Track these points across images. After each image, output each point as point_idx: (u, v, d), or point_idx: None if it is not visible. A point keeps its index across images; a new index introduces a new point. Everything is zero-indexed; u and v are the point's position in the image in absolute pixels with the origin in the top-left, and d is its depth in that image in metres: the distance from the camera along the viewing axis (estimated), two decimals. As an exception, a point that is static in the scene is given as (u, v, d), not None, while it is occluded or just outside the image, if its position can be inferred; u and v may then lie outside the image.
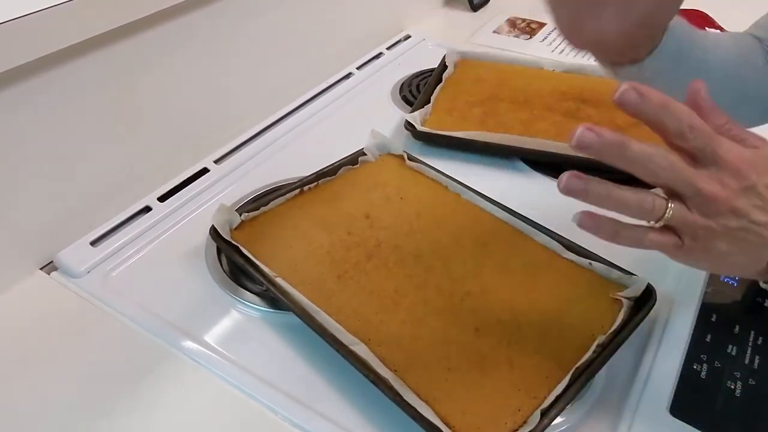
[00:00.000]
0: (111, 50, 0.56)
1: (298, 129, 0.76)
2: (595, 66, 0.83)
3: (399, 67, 0.92)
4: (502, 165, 0.70)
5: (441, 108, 0.77)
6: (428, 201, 0.61)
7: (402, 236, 0.56)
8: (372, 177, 0.64)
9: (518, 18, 1.09)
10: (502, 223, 0.58)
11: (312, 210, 0.60)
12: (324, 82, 0.84)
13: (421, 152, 0.72)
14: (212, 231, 0.55)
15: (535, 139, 0.68)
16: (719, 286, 0.54)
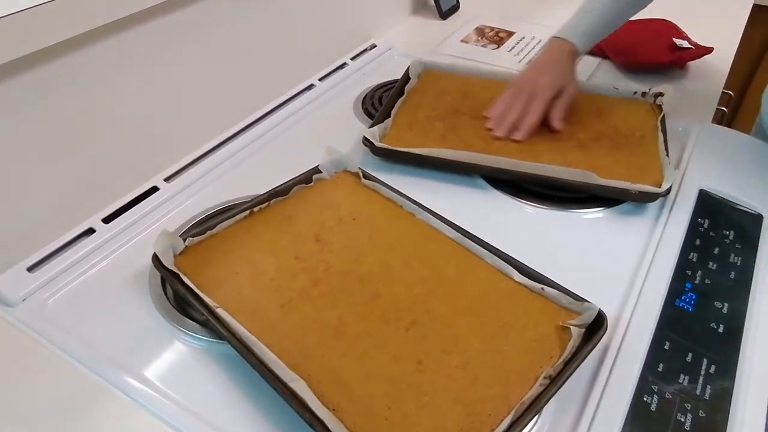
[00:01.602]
0: (52, 63, 0.53)
1: (255, 144, 0.74)
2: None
3: (363, 78, 0.90)
4: (462, 182, 0.69)
5: (401, 122, 0.75)
6: (381, 221, 0.59)
7: (352, 260, 0.55)
8: (326, 196, 0.63)
9: (487, 27, 1.08)
10: (455, 245, 0.56)
11: (261, 232, 0.58)
12: (284, 94, 0.82)
13: (380, 168, 0.70)
14: (154, 258, 0.53)
15: (494, 156, 0.66)
16: (675, 311, 0.53)
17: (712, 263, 0.59)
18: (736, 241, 0.62)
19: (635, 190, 0.63)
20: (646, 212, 0.65)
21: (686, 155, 0.73)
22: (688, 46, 0.94)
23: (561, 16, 1.14)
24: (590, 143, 0.72)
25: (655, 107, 0.78)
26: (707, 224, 0.64)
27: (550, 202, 0.66)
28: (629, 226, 0.63)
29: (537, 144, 0.72)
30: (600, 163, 0.68)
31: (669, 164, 0.66)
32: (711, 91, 0.89)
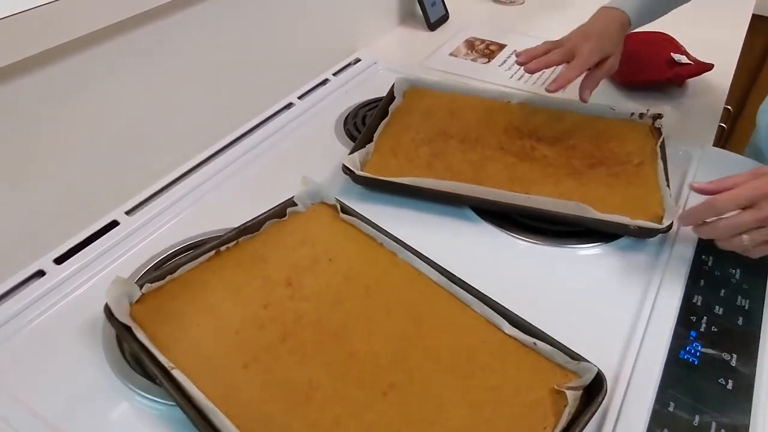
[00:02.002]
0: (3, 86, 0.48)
1: (225, 172, 0.68)
2: (551, 97, 0.79)
3: (346, 95, 0.85)
4: (449, 213, 0.64)
5: (384, 147, 0.70)
6: (360, 262, 0.54)
7: (326, 308, 0.50)
8: (300, 232, 0.57)
9: (477, 39, 1.03)
10: (439, 290, 0.52)
11: (228, 276, 0.53)
12: (259, 115, 0.77)
13: (362, 197, 0.66)
14: (106, 309, 0.47)
15: (482, 187, 0.61)
16: (679, 365, 0.49)
17: (718, 308, 0.54)
18: (743, 281, 0.57)
19: (634, 225, 0.58)
20: (646, 248, 0.60)
21: (687, 183, 0.68)
22: (687, 61, 0.90)
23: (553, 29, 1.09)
24: (585, 170, 0.67)
25: (654, 130, 0.74)
26: (711, 261, 0.59)
27: (543, 236, 0.62)
28: (628, 265, 0.59)
29: (529, 170, 0.67)
30: (596, 194, 0.64)
31: (670, 196, 0.62)
32: (712, 110, 0.85)
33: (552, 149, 0.70)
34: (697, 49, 0.92)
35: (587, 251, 0.60)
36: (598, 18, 0.73)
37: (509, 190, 0.64)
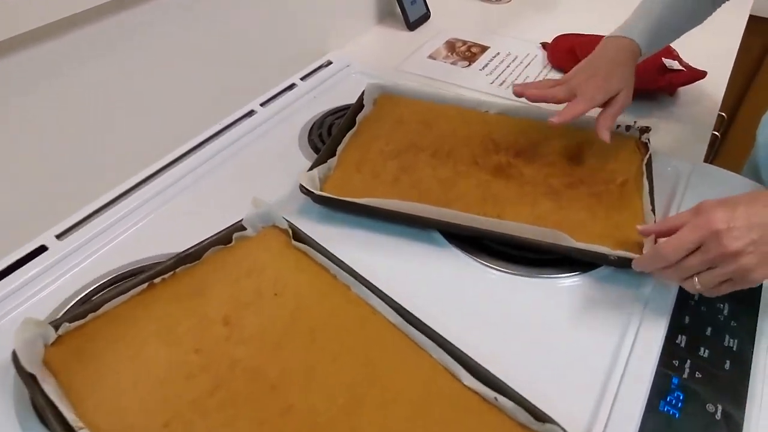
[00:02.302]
0: None
1: (172, 190, 0.63)
2: (531, 107, 0.74)
3: (314, 102, 0.79)
4: (415, 236, 0.59)
5: (349, 161, 0.65)
6: (309, 297, 0.49)
7: (266, 353, 0.44)
8: (246, 262, 0.52)
9: (458, 40, 0.97)
10: (395, 332, 0.46)
11: (160, 312, 0.47)
12: (215, 125, 0.71)
13: (323, 217, 0.60)
14: (13, 355, 0.42)
15: (451, 210, 0.56)
16: (659, 419, 0.44)
17: (704, 349, 0.49)
18: (732, 317, 0.52)
19: (614, 255, 0.53)
20: (628, 278, 0.55)
21: (675, 204, 0.63)
22: (679, 67, 0.85)
23: (540, 30, 1.03)
24: (564, 191, 0.62)
25: (641, 144, 0.69)
26: (698, 294, 0.54)
27: (516, 264, 0.56)
28: (607, 297, 0.54)
29: (504, 189, 0.62)
30: (575, 218, 0.59)
31: (654, 222, 0.57)
32: (704, 122, 0.79)
33: (530, 166, 0.65)
34: (690, 54, 0.86)
35: (564, 282, 0.55)
36: (605, 50, 0.66)
37: (480, 211, 0.59)
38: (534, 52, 0.94)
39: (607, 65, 0.64)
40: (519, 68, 0.90)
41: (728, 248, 0.45)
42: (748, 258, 0.45)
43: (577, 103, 0.62)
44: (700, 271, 0.48)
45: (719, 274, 0.47)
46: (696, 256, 0.47)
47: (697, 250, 0.47)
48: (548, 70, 0.90)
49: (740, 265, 0.45)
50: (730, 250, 0.45)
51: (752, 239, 0.45)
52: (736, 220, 0.45)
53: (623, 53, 0.65)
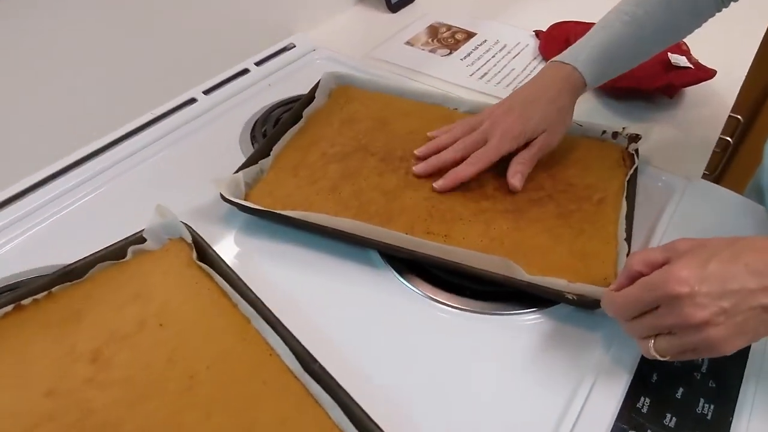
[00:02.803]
0: None
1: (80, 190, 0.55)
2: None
3: (267, 91, 0.71)
4: (351, 254, 0.51)
5: (285, 163, 0.57)
6: (197, 332, 0.41)
7: (128, 403, 0.37)
8: (136, 282, 0.45)
9: (443, 25, 0.87)
10: (290, 381, 0.39)
11: (21, 341, 0.40)
12: (146, 114, 0.63)
13: (249, 228, 0.53)
14: None
15: (387, 231, 0.48)
16: None
17: (671, 417, 0.41)
18: (711, 376, 0.43)
19: (573, 294, 0.44)
20: (590, 319, 0.46)
21: (660, 229, 0.54)
22: (686, 64, 0.74)
23: (538, 16, 0.93)
24: (528, 208, 0.53)
25: (627, 156, 0.59)
26: (673, 344, 0.45)
27: (460, 295, 0.48)
28: (563, 342, 0.45)
29: (457, 203, 0.53)
30: (534, 243, 0.50)
31: (627, 255, 0.48)
32: (708, 129, 0.69)
33: (493, 176, 0.56)
34: (702, 46, 0.75)
35: (515, 319, 0.47)
36: (540, 78, 0.57)
37: (424, 230, 0.51)
38: (526, 41, 0.84)
39: (530, 99, 0.55)
40: (505, 59, 0.80)
41: (690, 319, 0.36)
42: (715, 330, 0.36)
43: (466, 167, 0.53)
44: (658, 333, 0.39)
45: (680, 343, 0.38)
46: (650, 318, 0.38)
47: (654, 310, 0.38)
48: (538, 62, 0.80)
49: (705, 337, 0.36)
50: (693, 322, 0.36)
51: (722, 308, 0.35)
52: (705, 283, 0.36)
53: (556, 85, 0.55)
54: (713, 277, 0.36)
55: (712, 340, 0.36)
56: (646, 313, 0.38)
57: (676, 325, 0.37)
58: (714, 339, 0.36)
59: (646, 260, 0.40)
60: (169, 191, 0.55)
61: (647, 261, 0.40)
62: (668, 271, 0.37)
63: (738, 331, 0.36)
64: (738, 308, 0.35)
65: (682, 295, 0.36)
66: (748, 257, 0.36)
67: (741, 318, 0.36)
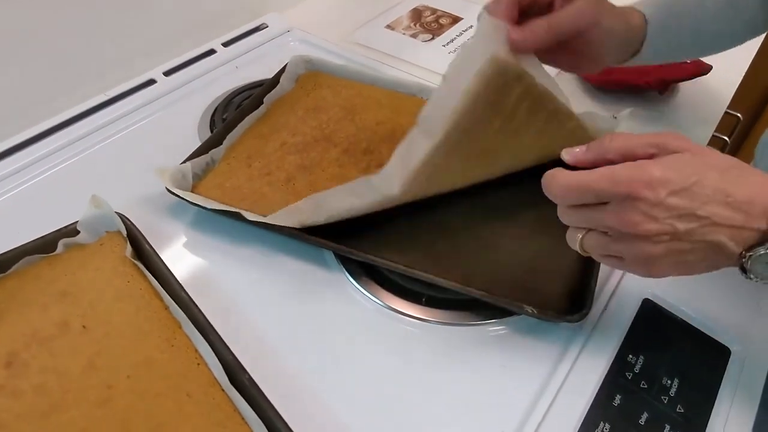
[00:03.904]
0: None
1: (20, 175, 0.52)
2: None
3: (234, 74, 0.67)
4: (305, 253, 0.48)
5: (240, 152, 0.53)
6: (122, 336, 0.38)
7: (37, 416, 0.34)
8: (65, 279, 0.42)
9: (428, 8, 0.83)
10: (217, 395, 0.36)
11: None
12: (99, 95, 0.59)
13: (198, 220, 0.50)
14: None
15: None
16: None
17: (631, 446, 0.38)
18: (680, 400, 0.40)
19: (531, 308, 0.41)
20: (554, 333, 0.43)
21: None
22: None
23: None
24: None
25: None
26: (641, 364, 0.42)
27: (415, 302, 0.45)
28: (521, 359, 0.42)
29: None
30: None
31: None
32: (703, 124, 0.65)
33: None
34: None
35: (478, 330, 0.44)
36: None
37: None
38: (514, 28, 0.80)
39: None
40: (491, 46, 0.76)
41: (634, 227, 0.32)
42: (653, 248, 0.33)
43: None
44: (592, 228, 0.36)
45: (610, 247, 0.35)
46: (593, 212, 0.34)
47: (601, 204, 0.34)
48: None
49: (639, 252, 0.33)
50: (635, 231, 0.32)
51: (675, 229, 0.32)
52: (675, 197, 0.32)
53: None
54: (686, 195, 0.32)
55: (644, 256, 0.33)
56: (590, 205, 0.34)
57: (616, 228, 0.33)
58: (646, 256, 0.33)
59: (625, 151, 0.34)
60: (116, 180, 0.52)
61: (626, 152, 0.34)
62: (641, 168, 0.32)
63: (676, 259, 0.33)
64: (691, 236, 0.32)
65: (641, 198, 0.32)
66: (735, 188, 0.32)
67: (687, 247, 0.33)
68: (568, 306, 0.43)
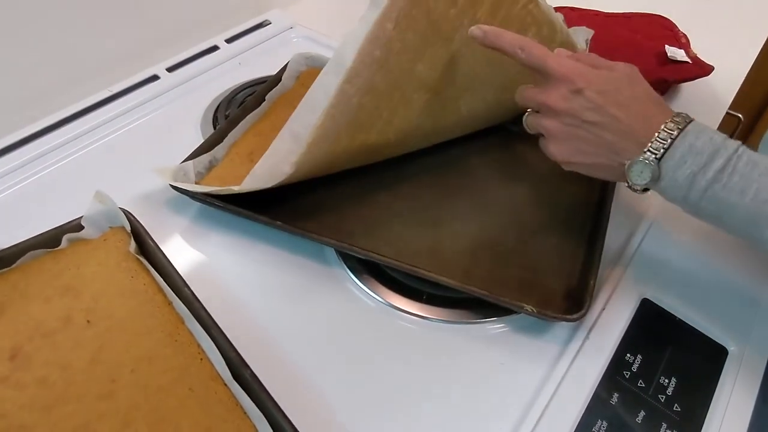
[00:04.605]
0: None
1: (25, 170, 0.52)
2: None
3: (237, 70, 0.67)
4: (306, 249, 0.48)
5: (242, 149, 0.54)
6: (126, 331, 0.39)
7: (41, 407, 0.35)
8: (68, 273, 0.42)
9: (431, 6, 0.83)
10: (219, 390, 0.36)
11: (-64, 334, 0.38)
12: (103, 90, 0.60)
13: (201, 216, 0.51)
14: None
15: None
16: None
17: (627, 444, 0.38)
18: (677, 400, 0.41)
19: (530, 307, 0.42)
20: (552, 332, 0.44)
21: (634, 242, 0.51)
22: (684, 58, 0.70)
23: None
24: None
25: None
26: (639, 363, 0.42)
27: (416, 299, 0.45)
28: (520, 358, 0.42)
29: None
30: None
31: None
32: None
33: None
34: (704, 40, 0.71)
35: (477, 328, 0.44)
36: None
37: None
38: (517, 27, 0.80)
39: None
40: (493, 45, 0.76)
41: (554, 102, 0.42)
42: (560, 125, 0.42)
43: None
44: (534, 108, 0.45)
45: (539, 124, 0.44)
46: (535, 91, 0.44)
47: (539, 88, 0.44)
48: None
49: (549, 124, 0.43)
50: (553, 105, 0.42)
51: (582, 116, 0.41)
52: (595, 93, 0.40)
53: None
54: (603, 95, 0.40)
55: (551, 130, 0.43)
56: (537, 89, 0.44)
57: (543, 103, 0.42)
58: (553, 131, 0.43)
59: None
60: (119, 176, 0.52)
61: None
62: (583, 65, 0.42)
63: (575, 145, 0.42)
64: (591, 127, 0.41)
65: (570, 81, 0.41)
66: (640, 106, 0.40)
67: (584, 134, 0.41)
68: (567, 305, 0.44)
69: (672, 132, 0.38)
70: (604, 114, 0.40)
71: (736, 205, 0.37)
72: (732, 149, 0.38)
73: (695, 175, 0.38)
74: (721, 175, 0.37)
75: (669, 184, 0.39)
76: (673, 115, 0.40)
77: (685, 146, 0.38)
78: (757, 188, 0.36)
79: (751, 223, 0.37)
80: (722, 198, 0.37)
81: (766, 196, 0.36)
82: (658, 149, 0.39)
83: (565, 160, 0.44)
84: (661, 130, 0.39)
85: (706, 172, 0.37)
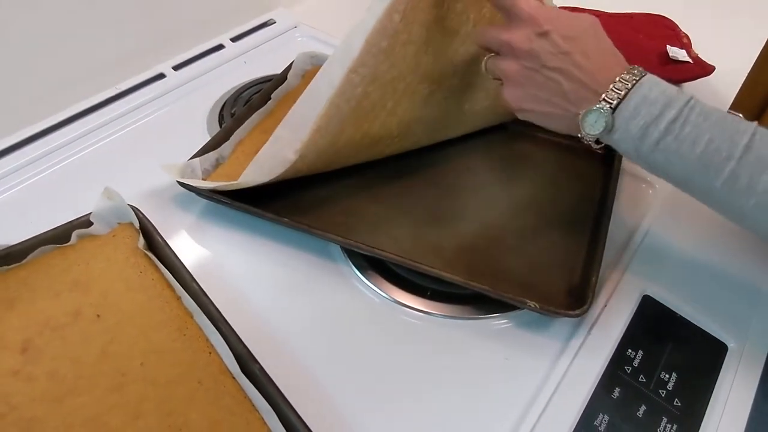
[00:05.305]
0: None
1: (33, 167, 0.53)
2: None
3: (242, 69, 0.68)
4: (312, 246, 0.49)
5: (249, 147, 0.54)
6: (135, 326, 0.39)
7: (52, 399, 0.35)
8: (77, 269, 0.43)
9: (434, 5, 0.84)
10: (228, 384, 0.37)
11: (-51, 327, 0.39)
12: (110, 88, 0.60)
13: (207, 213, 0.51)
14: None
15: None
16: None
17: (629, 440, 0.39)
18: (677, 394, 0.41)
19: (534, 303, 0.42)
20: (555, 328, 0.44)
21: (636, 239, 0.51)
22: (685, 58, 0.71)
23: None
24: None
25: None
26: (640, 358, 0.43)
27: (421, 295, 0.46)
28: (524, 352, 0.43)
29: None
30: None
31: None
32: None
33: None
34: (706, 39, 0.72)
35: (481, 323, 0.45)
36: None
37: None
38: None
39: None
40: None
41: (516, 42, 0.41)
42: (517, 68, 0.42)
43: None
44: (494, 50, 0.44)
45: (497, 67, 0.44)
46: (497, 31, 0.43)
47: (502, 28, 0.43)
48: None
49: (507, 67, 0.42)
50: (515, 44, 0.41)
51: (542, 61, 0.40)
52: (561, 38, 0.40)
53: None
54: (569, 41, 0.40)
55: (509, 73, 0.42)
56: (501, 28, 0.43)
57: (505, 42, 0.42)
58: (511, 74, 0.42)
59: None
60: (127, 172, 0.53)
61: None
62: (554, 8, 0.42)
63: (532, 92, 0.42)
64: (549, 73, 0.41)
65: (537, 24, 0.40)
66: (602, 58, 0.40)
67: (541, 80, 0.41)
68: (569, 301, 0.44)
69: (627, 83, 0.39)
70: (567, 61, 0.40)
71: (687, 155, 0.37)
72: (684, 100, 0.38)
73: (648, 127, 0.38)
74: (673, 126, 0.37)
75: (622, 136, 0.39)
76: (629, 68, 0.40)
77: (639, 97, 0.38)
78: (709, 138, 0.37)
79: (701, 173, 0.37)
80: (674, 149, 0.38)
81: (717, 145, 0.36)
82: (612, 99, 0.39)
83: (519, 107, 0.44)
84: (617, 81, 0.39)
85: (658, 124, 0.38)
